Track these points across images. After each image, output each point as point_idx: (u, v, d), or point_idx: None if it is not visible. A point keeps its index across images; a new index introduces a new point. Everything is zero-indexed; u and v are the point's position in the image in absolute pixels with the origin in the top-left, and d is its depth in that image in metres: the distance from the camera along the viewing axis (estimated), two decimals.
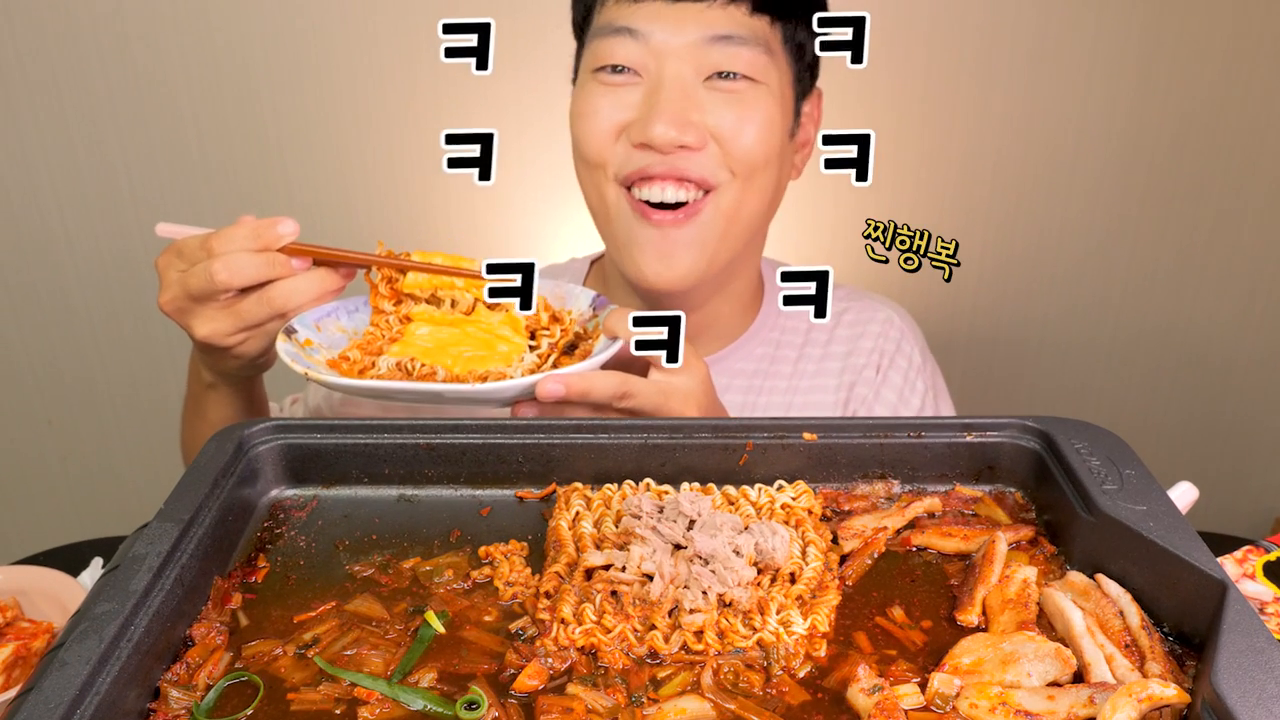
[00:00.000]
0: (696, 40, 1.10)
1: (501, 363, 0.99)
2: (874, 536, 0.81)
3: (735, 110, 1.12)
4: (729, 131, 1.12)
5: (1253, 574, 1.00)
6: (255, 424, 0.87)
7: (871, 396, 1.30)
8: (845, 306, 1.36)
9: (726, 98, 1.12)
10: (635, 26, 1.11)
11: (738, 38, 1.11)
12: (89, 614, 0.65)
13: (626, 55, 1.12)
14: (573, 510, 0.83)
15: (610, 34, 1.13)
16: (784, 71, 1.17)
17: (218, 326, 1.01)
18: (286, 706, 0.66)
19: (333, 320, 1.05)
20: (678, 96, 1.11)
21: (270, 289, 0.99)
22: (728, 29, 1.11)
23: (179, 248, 1.03)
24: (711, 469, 0.87)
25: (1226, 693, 0.58)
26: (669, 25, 1.11)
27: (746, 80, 1.12)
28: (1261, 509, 2.64)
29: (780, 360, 1.31)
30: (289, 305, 1.00)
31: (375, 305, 1.05)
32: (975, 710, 0.64)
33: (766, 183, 1.17)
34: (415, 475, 0.88)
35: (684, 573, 0.75)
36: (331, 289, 1.02)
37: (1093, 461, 0.80)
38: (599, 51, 1.14)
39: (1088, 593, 0.73)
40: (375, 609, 0.75)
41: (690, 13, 1.11)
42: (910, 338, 1.35)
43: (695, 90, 1.12)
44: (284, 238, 0.99)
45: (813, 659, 0.70)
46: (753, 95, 1.13)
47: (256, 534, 0.84)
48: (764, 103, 1.13)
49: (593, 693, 0.66)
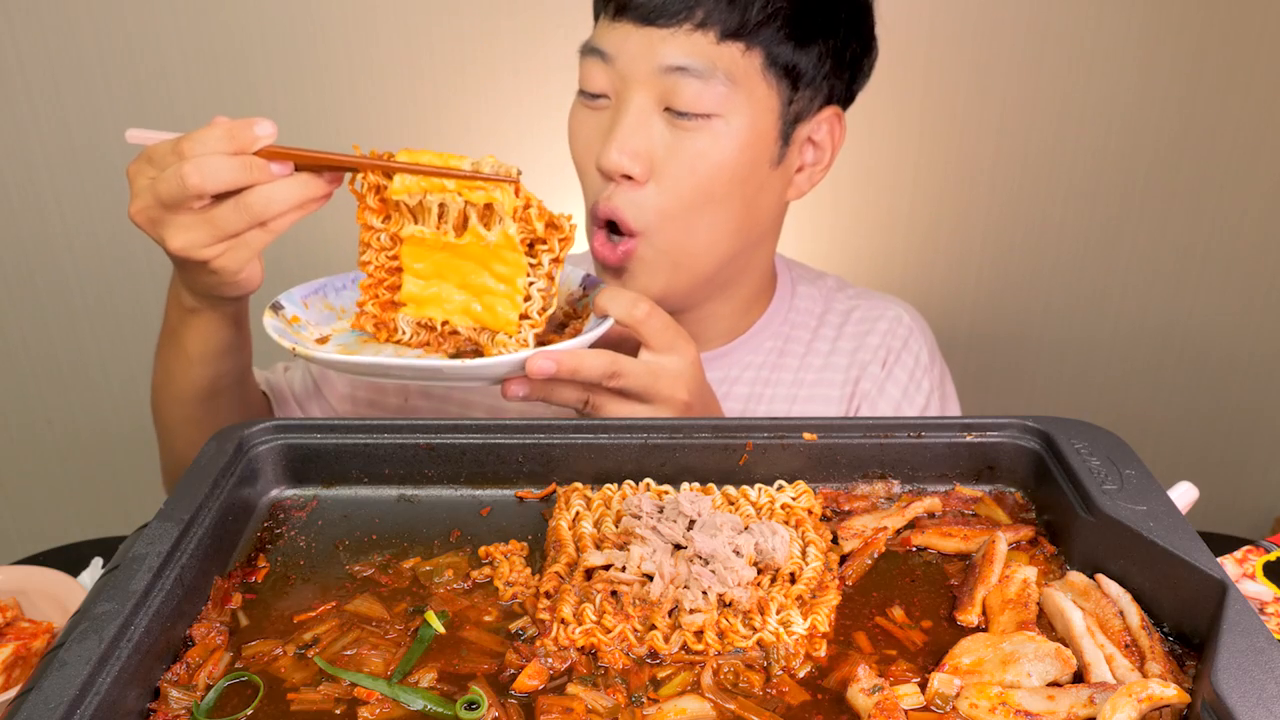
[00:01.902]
0: (655, 69, 1.07)
1: (504, 301, 0.96)
2: (874, 536, 0.81)
3: (682, 148, 1.08)
4: (671, 171, 1.09)
5: (1253, 574, 1.00)
6: (255, 424, 0.87)
7: (875, 392, 1.29)
8: (854, 304, 1.35)
9: (676, 134, 1.08)
10: (606, 50, 1.09)
11: (693, 70, 1.06)
12: (89, 614, 0.65)
13: (599, 80, 1.10)
14: (573, 510, 0.83)
15: (589, 54, 1.11)
16: (762, 99, 1.10)
17: (193, 237, 0.93)
18: (286, 706, 0.66)
19: (320, 297, 1.05)
20: (632, 125, 1.08)
21: (248, 194, 0.92)
22: (684, 59, 1.06)
23: (150, 154, 0.95)
24: (711, 469, 0.87)
25: (1226, 693, 0.58)
26: (634, 50, 1.08)
27: (699, 117, 1.08)
28: (1261, 509, 2.64)
29: (788, 354, 1.31)
30: (268, 212, 0.93)
31: (363, 222, 0.99)
32: (975, 710, 0.64)
33: (723, 216, 1.13)
34: (415, 475, 0.88)
35: (684, 573, 0.75)
36: (315, 195, 0.95)
37: (1093, 461, 0.80)
38: (581, 72, 1.13)
39: (1088, 593, 0.73)
40: (375, 609, 0.75)
41: (655, 39, 1.07)
42: (919, 336, 1.34)
43: (650, 120, 1.08)
44: (260, 139, 0.92)
45: (813, 659, 0.70)
46: (706, 133, 1.08)
47: (256, 534, 0.84)
48: (719, 140, 1.09)
49: (593, 693, 0.66)
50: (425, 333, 1.01)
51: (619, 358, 0.96)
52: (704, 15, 1.06)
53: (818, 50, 1.12)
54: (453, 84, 2.14)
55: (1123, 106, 2.21)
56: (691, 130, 1.08)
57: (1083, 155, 2.26)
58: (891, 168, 2.24)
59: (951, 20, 2.13)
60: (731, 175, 1.11)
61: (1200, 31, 2.15)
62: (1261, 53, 2.17)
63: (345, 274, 1.07)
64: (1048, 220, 2.32)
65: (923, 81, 2.18)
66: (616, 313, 0.99)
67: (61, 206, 2.20)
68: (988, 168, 2.27)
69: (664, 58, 1.06)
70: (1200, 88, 2.20)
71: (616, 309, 0.99)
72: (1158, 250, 2.36)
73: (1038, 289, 2.39)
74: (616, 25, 1.09)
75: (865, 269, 2.33)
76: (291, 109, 2.15)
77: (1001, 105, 2.21)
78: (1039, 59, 2.17)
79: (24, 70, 2.09)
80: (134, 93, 2.13)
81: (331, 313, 1.05)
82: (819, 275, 1.40)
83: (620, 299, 0.99)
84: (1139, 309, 2.41)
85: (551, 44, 2.06)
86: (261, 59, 2.11)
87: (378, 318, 1.01)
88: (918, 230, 2.32)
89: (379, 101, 2.16)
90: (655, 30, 1.07)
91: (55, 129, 2.15)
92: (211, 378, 1.12)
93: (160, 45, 2.09)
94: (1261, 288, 2.40)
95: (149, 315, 1.15)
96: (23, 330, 2.33)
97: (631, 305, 0.99)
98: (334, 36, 2.10)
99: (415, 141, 2.27)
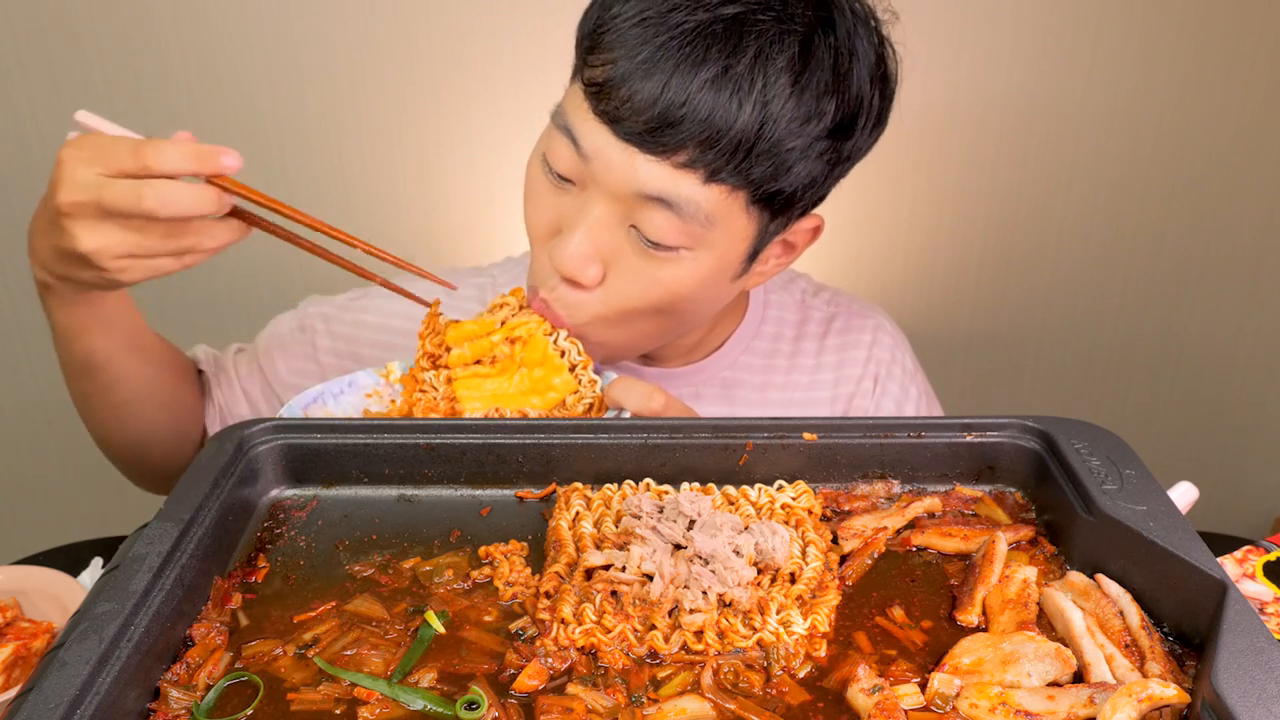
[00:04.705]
0: (630, 191, 0.97)
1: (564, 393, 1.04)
2: (874, 536, 0.81)
3: (641, 271, 1.01)
4: (621, 288, 1.02)
5: (1253, 574, 1.00)
6: (255, 424, 0.87)
7: (872, 409, 1.28)
8: (832, 312, 1.32)
9: (638, 255, 1.00)
10: (581, 145, 0.98)
11: (673, 205, 0.96)
12: (89, 614, 0.65)
13: (568, 164, 1.00)
14: (573, 510, 0.83)
15: (563, 130, 1.00)
16: (739, 230, 1.01)
17: (108, 244, 0.89)
18: (286, 706, 0.66)
19: (319, 406, 1.05)
20: (592, 234, 0.99)
21: (185, 227, 0.89)
22: (666, 192, 0.95)
23: (98, 143, 0.88)
24: (711, 469, 0.87)
25: (1226, 693, 0.58)
26: (612, 161, 0.96)
27: (669, 249, 0.99)
28: (1261, 509, 2.64)
29: (772, 370, 1.28)
30: (195, 248, 0.91)
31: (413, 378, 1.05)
32: (975, 710, 0.64)
33: (667, 324, 1.08)
34: (415, 475, 0.88)
35: (684, 573, 0.75)
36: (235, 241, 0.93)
37: (1093, 461, 0.80)
38: (551, 142, 1.02)
39: (1088, 593, 0.73)
40: (375, 609, 0.75)
41: (637, 159, 0.95)
42: (902, 345, 1.34)
43: (613, 234, 1.00)
44: (226, 170, 0.89)
45: (813, 659, 0.70)
46: (670, 264, 1.00)
47: (256, 534, 0.84)
48: (681, 271, 1.01)
49: (593, 693, 0.66)
50: None
51: None
52: (694, 156, 0.94)
53: (819, 172, 1.00)
54: (453, 83, 2.14)
55: (1123, 106, 2.21)
56: (655, 258, 1.00)
57: (1083, 155, 2.26)
58: (892, 168, 2.24)
59: (952, 20, 2.13)
60: (686, 297, 1.04)
61: (1200, 32, 2.15)
62: (1261, 53, 2.17)
63: (341, 378, 1.07)
64: (1048, 221, 2.32)
65: (923, 81, 2.18)
66: (633, 406, 0.98)
67: None
68: (988, 168, 2.27)
69: (643, 185, 0.96)
70: (1200, 89, 2.20)
71: (632, 403, 0.98)
72: (1158, 250, 2.36)
73: (1038, 289, 2.39)
74: (597, 125, 0.97)
75: (865, 269, 2.33)
76: (291, 111, 2.15)
77: (1002, 105, 2.21)
78: (1039, 59, 2.17)
79: (24, 70, 2.09)
80: (135, 93, 2.13)
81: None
82: (790, 279, 1.36)
83: (634, 392, 0.98)
84: (1139, 309, 2.42)
85: (552, 43, 2.06)
86: (261, 61, 2.11)
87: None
88: (918, 230, 2.32)
89: (379, 101, 2.16)
90: (636, 153, 0.95)
91: (55, 129, 2.15)
92: (84, 352, 1.07)
93: (160, 45, 2.09)
94: (1261, 288, 2.40)
95: (148, 315, 1.15)
96: (23, 330, 2.33)
97: (647, 399, 0.98)
98: (334, 37, 2.10)
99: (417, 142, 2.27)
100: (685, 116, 0.92)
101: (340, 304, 1.31)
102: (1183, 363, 2.47)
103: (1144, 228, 2.33)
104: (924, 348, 1.71)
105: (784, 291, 1.33)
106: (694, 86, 0.92)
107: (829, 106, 0.96)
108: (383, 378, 1.10)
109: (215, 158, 0.88)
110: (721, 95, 0.92)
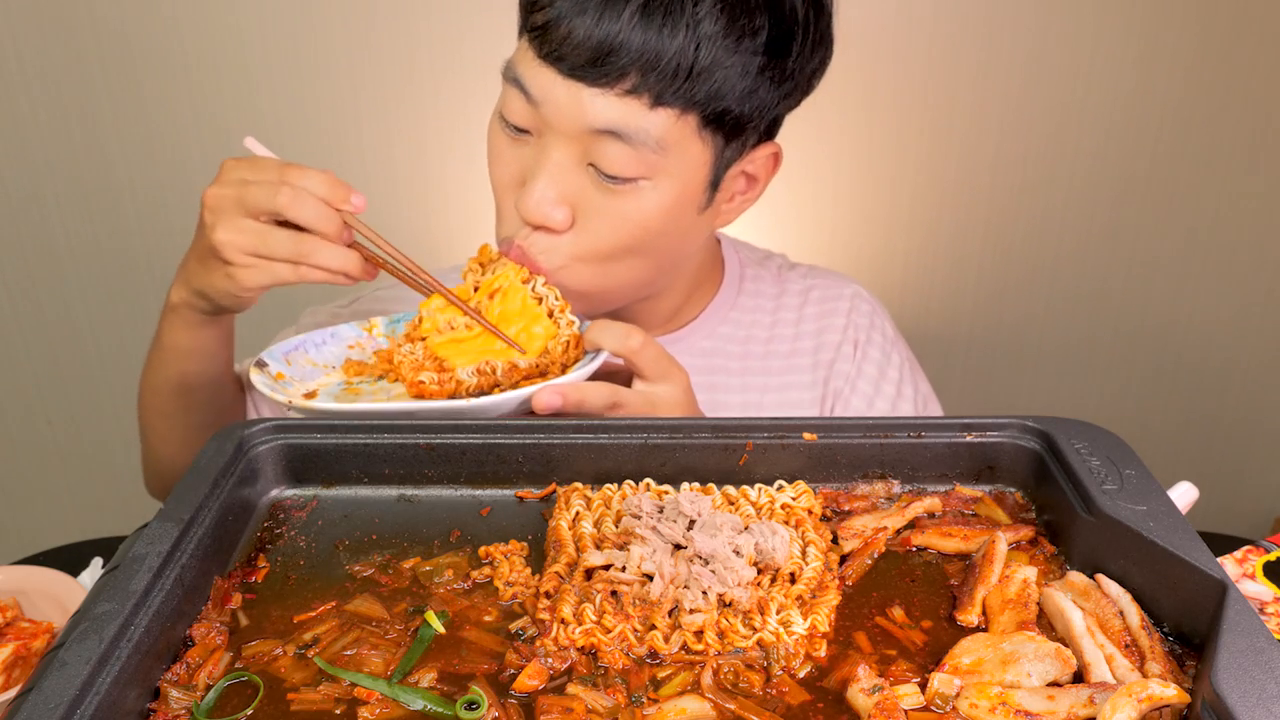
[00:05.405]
0: (582, 127, 1.00)
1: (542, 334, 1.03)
2: (874, 536, 0.81)
3: (605, 206, 1.04)
4: (591, 226, 1.05)
5: (1253, 574, 1.00)
6: (255, 424, 0.87)
7: (854, 373, 1.29)
8: (810, 283, 1.34)
9: (600, 192, 1.03)
10: (530, 91, 1.02)
11: (623, 135, 0.99)
12: (89, 614, 0.65)
13: (522, 115, 1.04)
14: (573, 510, 0.83)
15: (513, 84, 1.04)
16: (695, 156, 1.04)
17: (238, 239, 0.99)
18: (286, 706, 0.66)
19: (301, 354, 1.06)
20: (553, 176, 1.03)
21: (307, 237, 0.99)
22: (614, 123, 0.99)
23: (254, 161, 1.02)
24: (711, 469, 0.87)
25: (1226, 693, 0.58)
26: (560, 101, 1.00)
27: (626, 180, 1.02)
28: (1261, 509, 2.64)
29: (752, 341, 1.29)
30: (311, 260, 0.99)
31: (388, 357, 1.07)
32: (975, 710, 0.64)
33: (642, 264, 1.10)
34: (415, 475, 0.88)
35: (684, 573, 0.75)
36: (352, 275, 1.01)
37: (1093, 461, 0.80)
38: (505, 98, 1.06)
39: (1088, 593, 0.73)
40: (375, 609, 0.75)
41: (583, 95, 0.99)
42: (880, 312, 1.35)
43: (573, 173, 1.03)
44: (352, 206, 1.00)
45: (813, 659, 0.70)
46: (631, 196, 1.03)
47: (256, 534, 0.84)
48: (644, 202, 1.03)
49: (593, 693, 0.66)
50: (483, 379, 1.01)
51: (618, 389, 0.97)
52: (636, 82, 0.98)
53: (764, 92, 1.03)
54: (452, 83, 2.14)
55: (1123, 107, 2.21)
56: (616, 192, 1.03)
57: (1083, 155, 2.26)
58: (892, 167, 2.24)
59: (952, 20, 2.13)
60: (656, 231, 1.07)
61: (1200, 32, 2.15)
62: (1261, 53, 2.17)
63: (322, 329, 1.10)
64: (1048, 220, 2.32)
65: (923, 81, 2.18)
66: (610, 346, 1.00)
67: (61, 206, 2.20)
68: (988, 168, 2.27)
69: (592, 119, 0.99)
70: (1200, 88, 2.20)
71: (609, 342, 1.00)
72: (1158, 250, 2.36)
73: (1038, 289, 2.39)
74: (543, 68, 1.01)
75: (865, 269, 2.33)
76: (291, 110, 2.16)
77: (1002, 105, 2.21)
78: (1039, 59, 2.17)
79: (24, 70, 2.09)
80: (135, 92, 2.13)
81: (316, 368, 1.06)
82: (766, 255, 1.38)
83: (611, 332, 1.00)
84: (1139, 309, 2.42)
85: None
86: (261, 59, 2.11)
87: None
88: (918, 230, 2.32)
89: (379, 100, 2.16)
90: (583, 88, 0.99)
91: (55, 129, 2.15)
92: (180, 374, 1.16)
93: (161, 45, 2.09)
94: (1261, 288, 2.40)
95: (149, 315, 1.15)
96: (23, 330, 2.33)
97: (625, 338, 0.99)
98: (334, 35, 2.11)
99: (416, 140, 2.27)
100: (622, 43, 0.96)
101: (332, 311, 1.34)
102: (1183, 362, 2.47)
103: (1144, 227, 2.33)
104: (924, 348, 1.71)
105: (760, 266, 1.35)
106: (627, 14, 0.96)
107: (762, 22, 1.00)
108: (365, 331, 1.12)
109: (345, 191, 1.00)
110: (654, 19, 0.96)
